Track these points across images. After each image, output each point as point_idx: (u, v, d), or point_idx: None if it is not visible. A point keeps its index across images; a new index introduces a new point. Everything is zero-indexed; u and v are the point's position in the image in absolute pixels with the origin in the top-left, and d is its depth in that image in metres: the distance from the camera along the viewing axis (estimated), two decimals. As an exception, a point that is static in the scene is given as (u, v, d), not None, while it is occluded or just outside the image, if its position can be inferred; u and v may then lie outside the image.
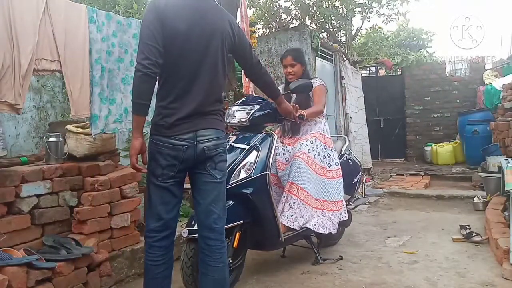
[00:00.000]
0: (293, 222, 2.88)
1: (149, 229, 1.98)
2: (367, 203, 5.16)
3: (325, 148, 3.09)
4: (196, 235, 2.33)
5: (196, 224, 2.36)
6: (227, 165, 2.55)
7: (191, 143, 1.91)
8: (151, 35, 1.85)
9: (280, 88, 3.43)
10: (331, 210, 3.03)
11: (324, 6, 9.59)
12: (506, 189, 3.18)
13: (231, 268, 2.59)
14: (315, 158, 3.01)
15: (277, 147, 3.05)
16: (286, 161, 3.07)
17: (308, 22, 9.96)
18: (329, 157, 3.10)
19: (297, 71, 3.17)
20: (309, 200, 2.93)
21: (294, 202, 2.89)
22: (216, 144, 1.97)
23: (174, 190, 1.97)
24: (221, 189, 2.03)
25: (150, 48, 1.85)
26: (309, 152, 2.99)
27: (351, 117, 7.16)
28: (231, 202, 2.53)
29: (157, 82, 1.94)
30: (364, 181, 4.11)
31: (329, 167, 3.09)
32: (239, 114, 2.77)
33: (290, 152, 3.10)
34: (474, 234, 3.61)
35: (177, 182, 1.98)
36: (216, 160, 1.98)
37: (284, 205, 2.90)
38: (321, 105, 3.09)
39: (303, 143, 3.04)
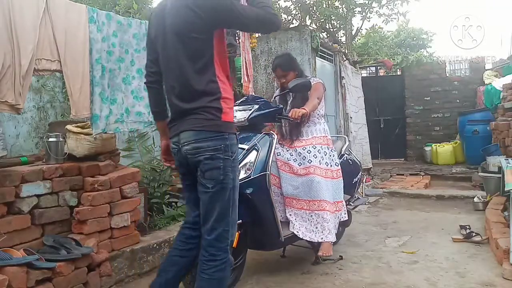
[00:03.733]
0: (328, 235, 2.88)
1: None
2: (367, 203, 5.16)
3: (328, 149, 3.09)
4: None
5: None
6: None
7: (177, 146, 1.86)
8: (146, 48, 2.05)
9: (277, 92, 3.41)
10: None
11: (324, 6, 9.58)
12: (506, 189, 3.18)
13: (231, 268, 2.59)
14: (327, 166, 3.00)
15: (276, 147, 3.05)
16: (288, 160, 3.06)
17: (308, 22, 9.94)
18: (329, 157, 3.09)
19: (290, 79, 3.07)
20: (331, 207, 2.93)
21: (322, 217, 2.89)
22: (195, 147, 1.78)
23: (189, 191, 1.99)
24: (216, 198, 1.80)
25: (146, 61, 2.05)
26: (320, 164, 2.97)
27: (351, 117, 7.16)
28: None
29: None
30: (364, 181, 4.11)
31: (330, 167, 3.08)
32: (238, 114, 2.77)
33: (292, 155, 3.05)
34: (474, 234, 3.61)
35: (191, 183, 1.93)
36: (203, 168, 1.79)
37: (310, 223, 2.92)
38: (314, 98, 2.99)
39: (312, 153, 2.99)
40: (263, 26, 1.86)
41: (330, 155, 3.08)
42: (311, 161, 2.97)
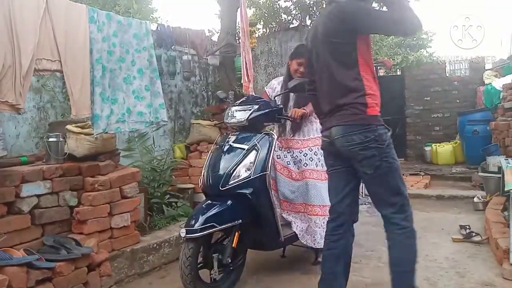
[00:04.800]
0: (320, 241, 2.86)
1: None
2: (367, 203, 5.15)
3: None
4: (194, 234, 2.34)
5: (196, 224, 2.38)
6: (228, 165, 2.58)
7: (328, 139, 2.13)
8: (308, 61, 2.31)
9: (271, 85, 3.30)
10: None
11: (324, 6, 9.57)
12: (506, 189, 3.17)
13: (231, 268, 2.59)
14: (323, 167, 2.93)
15: (276, 150, 3.04)
16: (287, 164, 3.04)
17: (308, 22, 9.94)
18: None
19: (304, 71, 3.00)
20: (323, 211, 2.91)
21: (315, 222, 2.89)
22: (348, 140, 2.01)
23: (336, 178, 2.22)
24: (382, 181, 2.03)
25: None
26: (316, 167, 2.95)
27: (351, 117, 7.14)
28: (229, 202, 2.53)
29: None
30: (364, 181, 4.10)
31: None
32: (238, 114, 2.77)
33: (292, 157, 3.02)
34: (474, 234, 3.61)
35: (339, 171, 2.18)
36: (358, 158, 2.02)
37: (312, 229, 2.90)
38: None
39: (308, 156, 2.97)
40: (400, 28, 1.96)
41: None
42: (307, 164, 2.97)
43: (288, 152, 3.08)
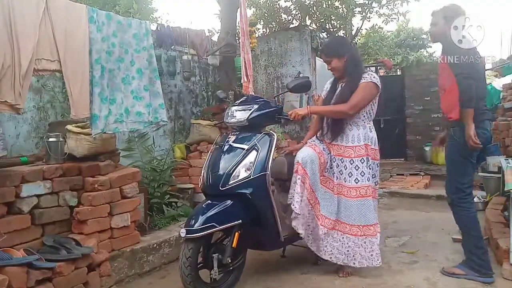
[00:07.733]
0: (348, 259, 2.82)
1: (464, 186, 3.12)
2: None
3: (368, 161, 2.84)
4: (194, 235, 2.34)
5: (195, 224, 2.38)
6: (227, 165, 2.59)
7: (489, 133, 2.88)
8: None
9: (328, 83, 3.21)
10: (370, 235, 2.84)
11: (324, 6, 9.55)
12: (506, 189, 3.17)
13: (231, 268, 2.59)
14: (366, 181, 2.82)
15: (325, 150, 2.87)
16: (332, 175, 2.88)
17: (308, 22, 9.92)
18: (362, 171, 2.83)
19: (335, 66, 2.91)
20: (354, 231, 2.83)
21: (342, 238, 2.82)
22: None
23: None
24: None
25: None
26: (357, 183, 2.80)
27: (351, 117, 7.13)
28: (229, 202, 2.53)
29: None
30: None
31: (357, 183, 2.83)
32: (238, 114, 2.78)
33: (334, 165, 2.87)
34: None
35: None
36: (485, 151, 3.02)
37: (330, 243, 2.83)
38: (350, 105, 2.76)
39: (347, 171, 2.81)
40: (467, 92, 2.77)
41: (368, 168, 2.86)
42: (346, 179, 2.82)
43: (331, 159, 2.88)
